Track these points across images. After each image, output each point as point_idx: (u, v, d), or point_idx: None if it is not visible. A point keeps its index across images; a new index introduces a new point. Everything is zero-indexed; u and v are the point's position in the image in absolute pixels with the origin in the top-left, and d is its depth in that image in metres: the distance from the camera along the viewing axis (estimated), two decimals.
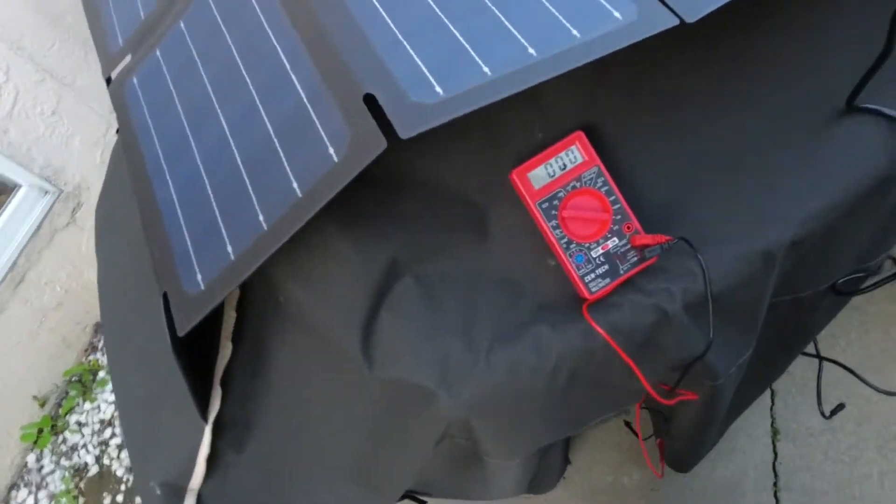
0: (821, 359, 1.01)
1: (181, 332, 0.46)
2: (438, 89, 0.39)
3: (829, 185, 0.58)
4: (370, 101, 0.40)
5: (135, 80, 0.55)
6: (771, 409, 1.53)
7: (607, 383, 0.60)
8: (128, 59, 0.58)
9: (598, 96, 0.57)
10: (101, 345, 2.11)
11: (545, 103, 0.59)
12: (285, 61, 0.44)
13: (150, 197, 0.52)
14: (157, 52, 0.53)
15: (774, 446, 1.48)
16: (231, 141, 0.46)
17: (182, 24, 0.52)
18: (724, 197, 0.59)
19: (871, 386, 0.78)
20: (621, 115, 0.58)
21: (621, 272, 0.58)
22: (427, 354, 0.57)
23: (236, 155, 0.46)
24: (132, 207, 0.71)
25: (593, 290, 0.58)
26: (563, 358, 0.56)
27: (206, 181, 0.48)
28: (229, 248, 0.45)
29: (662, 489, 1.47)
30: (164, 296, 0.49)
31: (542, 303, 0.60)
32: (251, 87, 0.46)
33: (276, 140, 0.44)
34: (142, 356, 0.70)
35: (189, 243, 0.48)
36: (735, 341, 0.66)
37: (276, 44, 0.45)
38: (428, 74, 0.40)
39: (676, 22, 0.41)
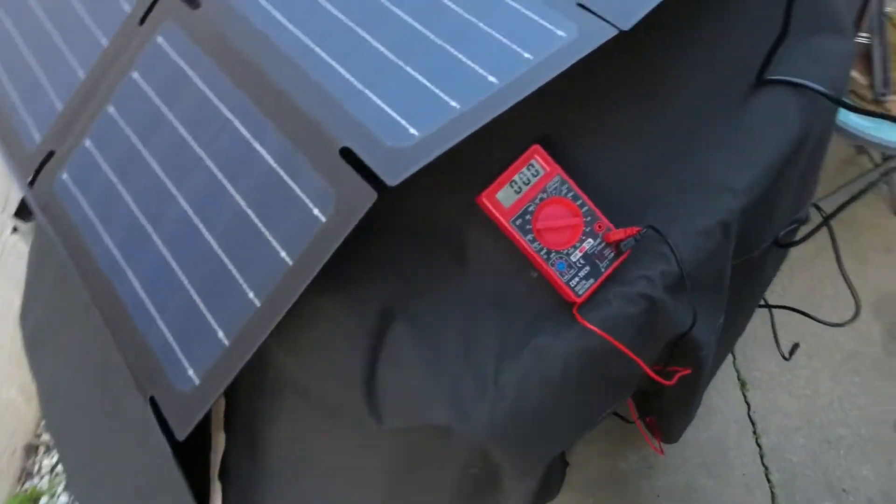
0: (770, 308, 1.10)
1: (181, 435, 0.42)
2: (413, 131, 0.39)
3: (760, 151, 0.64)
4: (347, 154, 0.40)
5: (65, 176, 0.50)
6: (734, 363, 1.64)
7: (611, 376, 0.62)
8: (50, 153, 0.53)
9: (546, 109, 0.60)
10: (37, 469, 1.89)
11: (498, 124, 0.60)
12: (244, 131, 0.43)
13: (111, 296, 0.47)
14: (87, 143, 0.49)
15: (745, 397, 1.58)
16: (198, 222, 0.44)
17: (111, 109, 0.49)
18: (675, 180, 0.63)
19: (823, 322, 0.85)
20: (570, 123, 0.61)
21: (602, 270, 0.60)
22: (436, 393, 0.56)
23: (207, 236, 0.43)
24: (72, 313, 0.65)
25: (580, 292, 0.59)
26: (568, 362, 0.57)
27: (177, 269, 0.45)
28: (220, 334, 0.42)
29: (658, 464, 1.52)
30: (152, 401, 0.45)
31: (534, 315, 0.61)
32: (209, 164, 0.44)
33: (250, 212, 0.42)
34: (119, 475, 0.63)
35: (170, 338, 0.44)
36: (710, 310, 0.70)
37: (229, 115, 0.43)
38: (399, 118, 0.40)
39: (616, 32, 0.44)
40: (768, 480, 1.47)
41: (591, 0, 0.47)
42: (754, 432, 1.54)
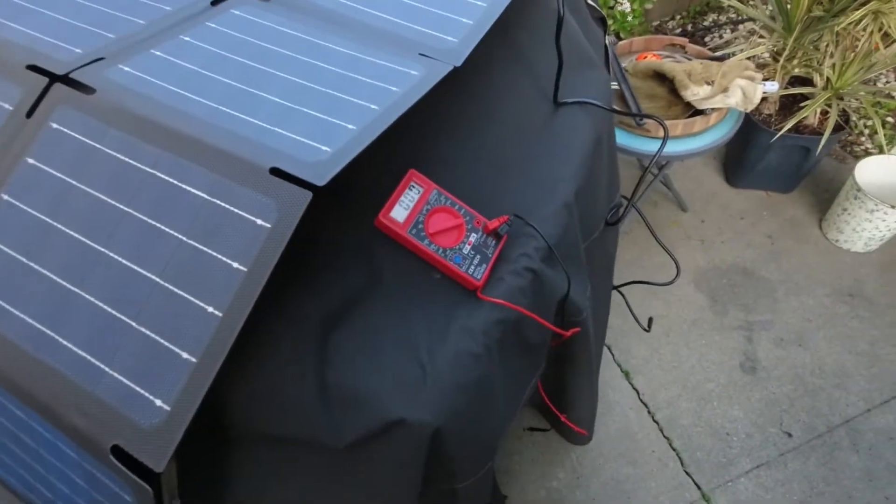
0: (618, 288, 1.33)
1: (160, 468, 0.41)
2: (325, 148, 0.48)
3: (573, 150, 0.85)
4: (276, 173, 0.47)
5: None
6: (614, 359, 1.87)
7: (525, 340, 0.73)
8: None
9: (415, 142, 0.74)
10: None
11: (376, 162, 0.73)
12: (168, 178, 0.47)
13: (42, 366, 0.45)
14: None
15: (632, 384, 1.80)
16: (137, 268, 0.45)
17: (5, 196, 0.49)
18: (522, 179, 0.81)
19: (656, 284, 1.07)
20: (430, 152, 0.76)
21: (490, 255, 0.73)
22: (383, 387, 0.61)
23: (150, 276, 0.45)
24: None
25: (478, 277, 0.71)
26: (488, 334, 0.67)
27: (121, 316, 0.45)
28: (185, 355, 0.43)
29: (584, 471, 1.63)
30: (116, 449, 0.42)
31: (449, 305, 0.70)
32: (138, 215, 0.47)
33: (193, 242, 0.45)
34: None
35: (126, 381, 0.43)
36: (578, 277, 0.87)
37: (149, 169, 0.48)
38: (311, 142, 0.48)
39: (451, 68, 0.60)
40: (673, 449, 1.67)
41: (428, 49, 0.63)
42: (649, 412, 1.74)
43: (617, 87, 1.74)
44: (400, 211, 0.71)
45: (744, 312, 1.92)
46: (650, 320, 1.32)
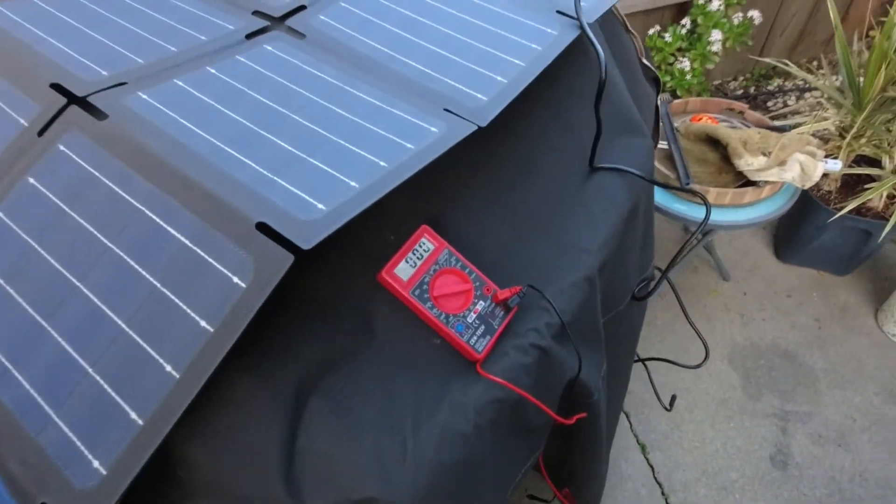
0: (643, 361, 1.24)
1: None
2: (321, 206, 0.45)
3: (604, 219, 0.80)
4: (262, 228, 0.44)
5: None
6: (631, 428, 1.75)
7: (522, 424, 0.67)
8: None
9: (430, 195, 0.70)
10: None
11: (389, 212, 0.69)
12: (155, 217, 0.45)
13: None
14: None
15: (648, 460, 1.68)
16: (106, 309, 0.43)
17: (0, 214, 0.48)
18: (542, 246, 0.76)
19: (683, 366, 0.99)
20: (451, 205, 0.72)
21: (496, 327, 0.68)
22: (357, 462, 0.57)
23: (117, 320, 0.43)
24: None
25: (479, 349, 0.66)
26: (482, 414, 0.62)
27: (80, 359, 0.43)
28: (133, 415, 0.40)
29: None
30: None
31: (444, 376, 0.65)
32: (118, 252, 0.45)
33: (165, 290, 0.43)
34: None
35: (69, 433, 0.41)
36: (593, 357, 0.80)
37: (139, 206, 0.46)
38: (307, 197, 0.46)
39: (475, 128, 0.57)
40: None
41: (455, 105, 0.60)
42: (662, 493, 1.62)
43: (666, 147, 1.68)
44: (405, 268, 0.67)
45: (780, 400, 1.78)
46: (673, 398, 1.22)
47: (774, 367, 1.86)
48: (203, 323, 0.41)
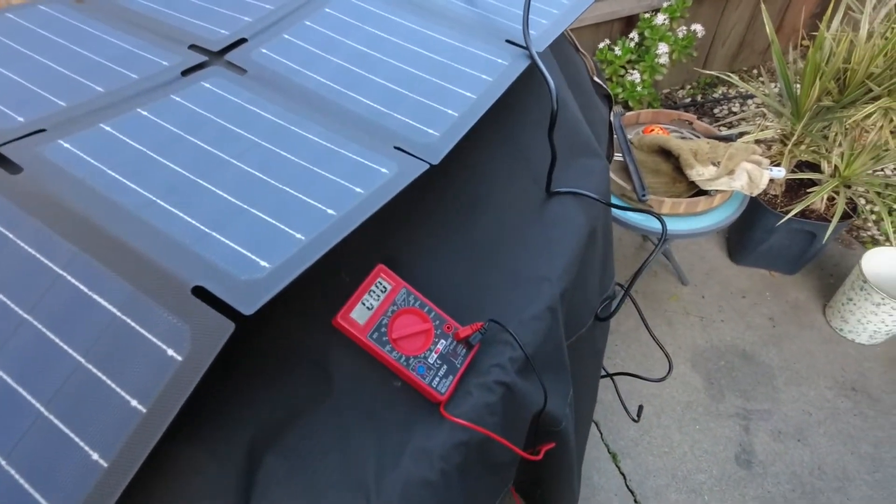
0: (611, 376, 1.25)
1: None
2: (264, 263, 0.42)
3: (563, 245, 0.79)
4: (199, 292, 0.41)
5: None
6: (602, 438, 1.76)
7: (490, 461, 0.65)
8: None
9: (385, 233, 0.68)
10: None
11: (343, 252, 0.67)
12: (79, 285, 0.41)
13: None
14: None
15: (619, 469, 1.69)
16: (24, 392, 0.39)
17: None
18: (502, 279, 0.74)
19: (647, 379, 1.00)
20: (407, 242, 0.70)
21: (458, 366, 0.66)
22: None
23: (35, 404, 0.39)
24: None
25: (442, 391, 0.64)
26: (447, 459, 0.60)
27: None
28: None
29: None
30: None
31: (406, 421, 0.63)
32: (36, 325, 0.40)
33: (91, 367, 0.39)
34: None
35: None
36: (559, 386, 0.79)
37: (60, 272, 0.42)
38: (248, 254, 0.43)
39: (427, 167, 0.55)
40: None
41: (406, 143, 0.58)
42: (636, 501, 1.63)
43: (621, 159, 1.71)
44: (362, 311, 0.64)
45: (741, 399, 1.83)
46: (640, 409, 1.23)
47: (734, 367, 1.91)
48: (134, 402, 0.37)
